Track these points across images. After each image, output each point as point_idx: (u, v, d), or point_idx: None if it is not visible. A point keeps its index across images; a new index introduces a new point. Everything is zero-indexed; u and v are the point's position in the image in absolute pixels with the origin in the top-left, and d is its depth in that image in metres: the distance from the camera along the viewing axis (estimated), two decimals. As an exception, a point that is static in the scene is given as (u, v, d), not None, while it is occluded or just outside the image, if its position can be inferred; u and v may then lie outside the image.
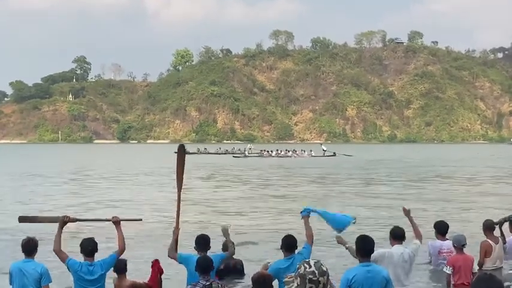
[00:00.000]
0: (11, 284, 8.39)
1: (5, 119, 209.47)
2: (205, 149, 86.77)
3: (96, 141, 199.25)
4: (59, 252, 7.97)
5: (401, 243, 8.07)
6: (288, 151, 75.02)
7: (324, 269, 3.27)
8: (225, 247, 9.11)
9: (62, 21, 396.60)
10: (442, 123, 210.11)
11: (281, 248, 8.06)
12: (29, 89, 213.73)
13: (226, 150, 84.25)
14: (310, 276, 3.21)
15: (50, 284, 7.92)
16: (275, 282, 7.71)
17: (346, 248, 7.97)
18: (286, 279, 3.40)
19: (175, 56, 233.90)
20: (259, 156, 72.84)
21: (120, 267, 8.45)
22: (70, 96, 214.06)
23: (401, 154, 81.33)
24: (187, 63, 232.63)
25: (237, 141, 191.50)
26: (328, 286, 3.30)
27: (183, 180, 8.77)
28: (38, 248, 8.10)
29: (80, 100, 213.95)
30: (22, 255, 8.21)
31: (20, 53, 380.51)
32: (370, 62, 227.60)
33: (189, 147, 75.35)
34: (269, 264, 8.21)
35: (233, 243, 8.74)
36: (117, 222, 7.95)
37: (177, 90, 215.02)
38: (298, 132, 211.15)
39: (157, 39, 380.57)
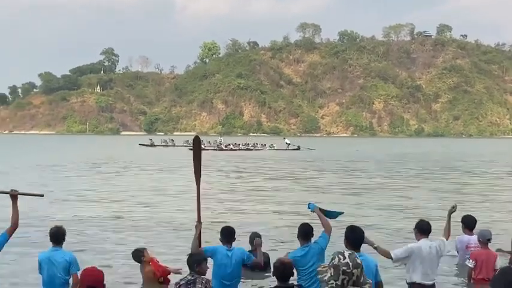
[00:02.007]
0: (40, 273, 8.52)
1: (34, 110, 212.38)
2: (172, 140, 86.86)
3: (123, 132, 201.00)
4: None
5: (428, 237, 8.02)
6: (248, 144, 73.13)
7: (358, 261, 3.26)
8: (252, 241, 9.17)
9: (91, 14, 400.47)
10: (471, 117, 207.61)
11: (298, 237, 8.13)
12: (58, 80, 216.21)
13: (187, 141, 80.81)
14: (344, 267, 3.20)
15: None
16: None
17: (375, 248, 7.92)
18: (319, 268, 3.36)
19: (202, 49, 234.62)
20: (216, 149, 69.04)
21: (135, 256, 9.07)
22: (98, 87, 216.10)
23: (429, 148, 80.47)
24: (214, 56, 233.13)
25: (263, 134, 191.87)
26: (362, 279, 3.28)
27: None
28: None
29: (108, 92, 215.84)
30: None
31: (49, 44, 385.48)
32: (397, 55, 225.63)
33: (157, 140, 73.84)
34: (287, 254, 8.26)
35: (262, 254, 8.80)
36: (14, 196, 7.09)
37: (204, 83, 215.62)
38: (325, 125, 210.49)
39: (185, 31, 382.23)
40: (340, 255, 3.27)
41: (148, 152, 66.21)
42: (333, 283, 3.23)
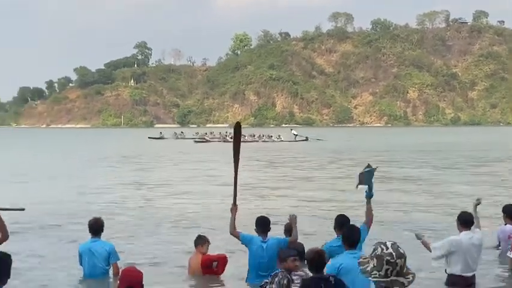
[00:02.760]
0: (81, 264, 8.66)
1: (70, 104, 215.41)
2: (182, 133, 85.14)
3: (156, 125, 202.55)
4: None
5: (469, 229, 7.91)
6: (253, 135, 70.67)
7: (401, 251, 3.23)
8: (288, 231, 9.13)
9: (123, 8, 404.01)
10: (508, 105, 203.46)
11: (334, 228, 8.13)
12: (93, 74, 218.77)
13: (197, 133, 79.94)
14: (388, 258, 3.17)
15: None
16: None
17: (422, 242, 7.83)
18: (360, 260, 3.33)
19: (234, 40, 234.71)
20: (221, 141, 68.11)
21: (198, 241, 9.20)
22: (132, 81, 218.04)
23: (469, 137, 79.11)
24: (245, 47, 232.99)
25: (295, 125, 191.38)
26: (405, 269, 3.24)
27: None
28: None
29: (141, 85, 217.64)
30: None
31: (83, 39, 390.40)
32: (432, 43, 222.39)
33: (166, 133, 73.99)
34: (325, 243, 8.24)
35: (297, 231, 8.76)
36: None
37: (236, 75, 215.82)
38: (358, 115, 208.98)
39: (216, 23, 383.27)
40: (382, 246, 3.23)
41: (157, 144, 65.50)
42: (376, 274, 3.20)
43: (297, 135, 70.59)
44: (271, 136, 71.65)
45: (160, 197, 20.04)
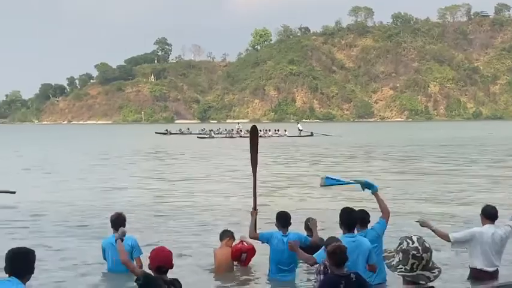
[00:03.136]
0: (104, 258, 8.75)
1: (91, 101, 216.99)
2: (188, 128, 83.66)
3: (177, 121, 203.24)
4: None
5: (493, 223, 7.84)
6: (260, 130, 70.08)
7: (427, 245, 3.22)
8: (308, 228, 9.17)
9: (144, 4, 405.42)
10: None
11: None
12: (113, 71, 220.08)
13: (203, 129, 78.58)
14: (414, 252, 3.16)
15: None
16: None
17: (433, 231, 7.80)
18: (385, 254, 3.33)
19: (253, 36, 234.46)
20: (227, 137, 67.69)
21: (224, 235, 9.28)
22: (152, 77, 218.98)
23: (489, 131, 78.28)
24: (265, 43, 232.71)
25: (316, 120, 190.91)
26: (431, 264, 3.23)
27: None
28: None
29: (162, 81, 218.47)
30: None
31: (104, 36, 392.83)
32: (454, 37, 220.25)
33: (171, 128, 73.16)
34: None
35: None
36: None
37: (256, 70, 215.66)
38: (378, 110, 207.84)
39: (236, 19, 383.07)
40: (408, 240, 3.21)
41: (164, 140, 65.33)
42: (401, 268, 3.19)
43: (302, 130, 70.03)
44: (278, 131, 70.73)
45: (178, 192, 20.16)
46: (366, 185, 8.22)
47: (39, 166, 31.27)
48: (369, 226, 8.04)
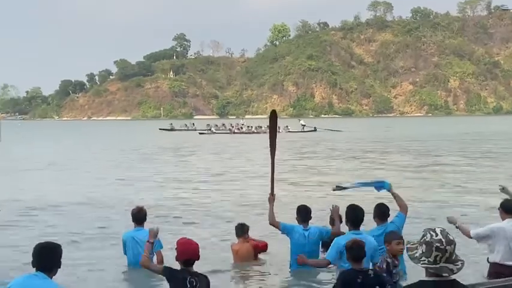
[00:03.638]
0: (125, 253, 8.85)
1: (110, 97, 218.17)
2: (193, 124, 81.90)
3: (196, 117, 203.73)
4: None
5: (513, 217, 7.82)
6: (260, 127, 67.94)
7: (451, 237, 3.21)
8: (332, 221, 9.20)
9: (162, 0, 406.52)
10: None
11: (374, 218, 8.17)
12: (132, 67, 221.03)
13: (208, 125, 76.43)
14: (438, 244, 3.15)
15: None
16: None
17: (457, 227, 7.78)
18: (408, 246, 3.32)
19: (272, 31, 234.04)
20: (228, 133, 67.03)
21: (241, 230, 9.18)
22: (171, 73, 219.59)
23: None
24: (284, 38, 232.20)
25: (335, 116, 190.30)
26: (454, 256, 3.23)
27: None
28: None
29: (181, 77, 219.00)
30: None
31: (123, 32, 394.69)
32: (474, 31, 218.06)
33: (176, 124, 72.48)
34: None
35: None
36: None
37: (274, 65, 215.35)
38: (398, 105, 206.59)
39: (255, 14, 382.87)
40: (432, 232, 3.21)
41: (167, 136, 64.92)
42: (425, 260, 3.19)
43: (304, 125, 69.27)
44: (279, 127, 69.99)
45: (194, 188, 20.31)
46: (378, 186, 8.31)
47: (59, 162, 31.64)
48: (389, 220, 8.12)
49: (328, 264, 7.38)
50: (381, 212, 8.09)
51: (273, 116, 9.30)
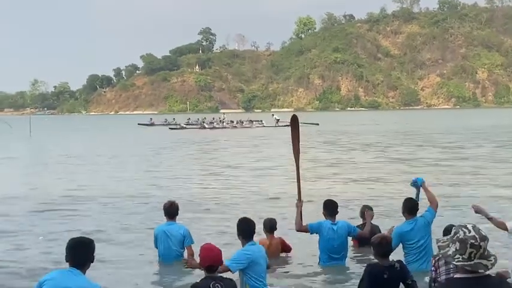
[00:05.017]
0: (156, 246, 8.97)
1: (137, 91, 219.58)
2: (173, 119, 79.03)
3: (221, 110, 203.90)
4: None
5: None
6: (242, 122, 67.02)
7: (483, 233, 3.18)
8: (363, 213, 9.24)
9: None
10: None
11: (403, 212, 8.19)
12: (159, 61, 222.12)
13: (188, 119, 75.70)
14: (472, 241, 3.11)
15: None
16: (399, 246, 7.92)
17: (489, 219, 7.60)
18: (439, 243, 3.29)
19: (297, 24, 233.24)
20: (198, 127, 65.57)
21: (272, 225, 9.06)
22: (197, 67, 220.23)
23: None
24: (309, 31, 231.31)
25: (361, 108, 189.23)
26: (487, 252, 3.21)
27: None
28: None
29: (206, 71, 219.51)
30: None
31: (149, 27, 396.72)
32: (502, 22, 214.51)
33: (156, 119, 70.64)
34: (393, 228, 8.32)
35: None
36: None
37: (300, 59, 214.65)
38: (425, 97, 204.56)
39: (280, 8, 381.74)
40: (464, 229, 3.16)
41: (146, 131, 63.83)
42: (459, 257, 3.15)
43: (279, 120, 67.28)
44: (252, 121, 68.65)
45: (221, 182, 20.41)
46: (413, 184, 8.42)
47: (85, 156, 32.04)
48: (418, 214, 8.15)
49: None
50: (411, 207, 8.10)
51: (294, 121, 9.29)
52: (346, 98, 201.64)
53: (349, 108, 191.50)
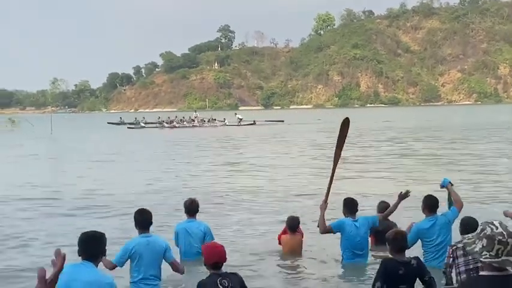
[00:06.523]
0: (177, 244, 9.02)
1: (156, 89, 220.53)
2: (143, 118, 75.27)
3: (241, 108, 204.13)
4: None
5: None
6: (193, 120, 65.31)
7: (511, 230, 3.14)
8: (381, 209, 9.22)
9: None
10: None
11: (423, 209, 8.18)
12: (178, 59, 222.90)
13: (159, 117, 70.88)
14: (500, 237, 3.07)
15: None
16: (418, 242, 7.90)
17: None
18: (465, 240, 3.25)
19: (316, 21, 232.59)
20: (158, 127, 64.00)
21: (294, 225, 9.17)
22: (216, 64, 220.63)
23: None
24: (328, 27, 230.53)
25: (381, 105, 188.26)
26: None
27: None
28: None
29: (225, 68, 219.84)
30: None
31: (168, 25, 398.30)
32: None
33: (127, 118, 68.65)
34: (413, 225, 8.31)
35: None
36: None
37: (319, 55, 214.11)
38: (446, 93, 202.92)
39: (299, 4, 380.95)
40: (491, 225, 3.12)
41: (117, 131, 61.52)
42: (486, 254, 3.10)
43: (241, 119, 66.24)
44: (215, 119, 67.28)
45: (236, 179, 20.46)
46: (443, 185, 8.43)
47: (105, 154, 32.27)
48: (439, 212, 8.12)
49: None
50: (431, 204, 8.08)
51: (345, 125, 9.10)
52: (366, 95, 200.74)
53: (368, 105, 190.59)
